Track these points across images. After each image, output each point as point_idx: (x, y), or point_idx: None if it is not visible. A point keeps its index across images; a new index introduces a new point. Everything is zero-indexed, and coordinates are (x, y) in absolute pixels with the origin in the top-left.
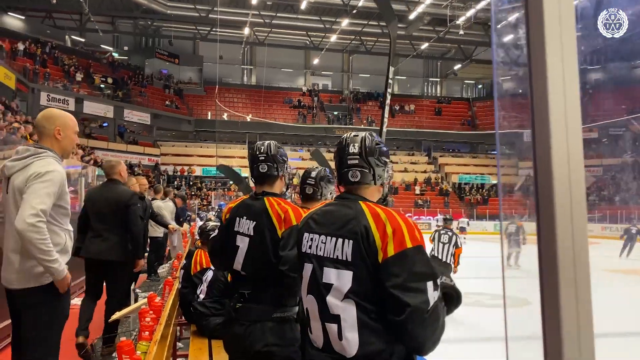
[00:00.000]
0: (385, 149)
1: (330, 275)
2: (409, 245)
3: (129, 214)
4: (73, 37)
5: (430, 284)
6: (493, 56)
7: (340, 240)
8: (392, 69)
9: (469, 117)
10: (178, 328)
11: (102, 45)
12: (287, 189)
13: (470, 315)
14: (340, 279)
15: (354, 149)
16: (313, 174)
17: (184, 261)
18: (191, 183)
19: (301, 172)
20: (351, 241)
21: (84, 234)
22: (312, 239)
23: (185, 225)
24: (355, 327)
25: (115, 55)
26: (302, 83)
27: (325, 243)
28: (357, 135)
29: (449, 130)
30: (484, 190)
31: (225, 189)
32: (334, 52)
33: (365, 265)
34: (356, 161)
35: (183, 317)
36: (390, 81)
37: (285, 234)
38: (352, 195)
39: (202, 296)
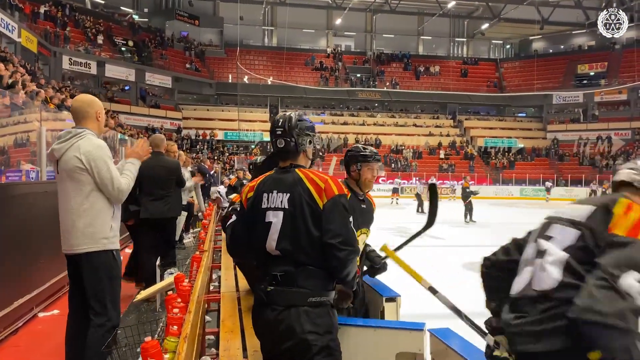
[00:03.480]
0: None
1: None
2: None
3: (179, 179)
4: None
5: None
6: None
7: None
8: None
9: (496, 78)
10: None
11: (121, 7)
12: (311, 164)
13: None
14: None
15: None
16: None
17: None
18: (214, 147)
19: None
20: None
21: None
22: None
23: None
24: None
25: (136, 17)
26: (324, 44)
27: None
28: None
29: (475, 93)
30: (511, 154)
31: (247, 154)
32: (357, 11)
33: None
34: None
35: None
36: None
37: (329, 205)
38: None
39: None
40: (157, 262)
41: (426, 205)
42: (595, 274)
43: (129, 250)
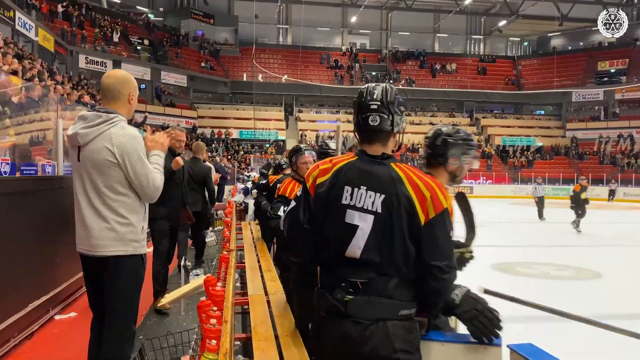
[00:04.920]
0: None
1: None
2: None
3: (208, 181)
4: None
5: None
6: None
7: None
8: None
9: (514, 76)
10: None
11: (137, 6)
12: (398, 148)
13: (540, 290)
14: None
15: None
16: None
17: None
18: (228, 146)
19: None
20: None
21: None
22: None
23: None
24: None
25: (151, 16)
26: (339, 42)
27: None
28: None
29: (492, 90)
30: (529, 153)
31: (262, 152)
32: (373, 9)
33: None
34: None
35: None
36: None
37: (436, 222)
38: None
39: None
40: (182, 263)
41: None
42: None
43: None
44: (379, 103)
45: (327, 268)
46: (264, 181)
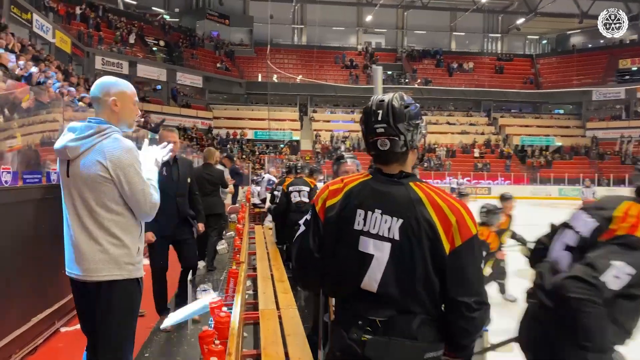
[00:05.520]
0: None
1: None
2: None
3: (224, 184)
4: None
5: None
6: None
7: None
8: None
9: (532, 75)
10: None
11: (153, 7)
12: (421, 160)
13: None
14: None
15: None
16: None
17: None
18: (243, 147)
19: (353, 135)
20: None
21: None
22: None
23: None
24: None
25: (167, 17)
26: (354, 42)
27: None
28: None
29: (510, 89)
30: (548, 153)
31: (277, 153)
32: (388, 7)
33: None
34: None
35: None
36: None
37: (463, 251)
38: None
39: None
40: (189, 277)
41: None
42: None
43: None
44: (385, 125)
45: (342, 301)
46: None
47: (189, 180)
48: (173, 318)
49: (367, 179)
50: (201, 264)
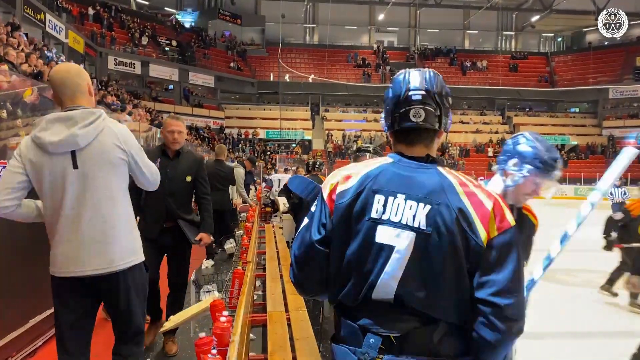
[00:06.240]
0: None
1: None
2: None
3: (232, 180)
4: None
5: None
6: None
7: None
8: None
9: (547, 73)
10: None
11: (165, 8)
12: (442, 152)
13: (583, 301)
14: None
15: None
16: None
17: None
18: (255, 146)
19: (365, 134)
20: None
21: None
22: None
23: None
24: None
25: (179, 17)
26: (367, 41)
27: None
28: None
29: (525, 88)
30: (563, 152)
31: (289, 152)
32: (400, 6)
33: None
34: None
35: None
36: None
37: (501, 243)
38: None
39: None
40: (193, 278)
41: None
42: None
43: None
44: (423, 92)
45: (347, 313)
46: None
47: (189, 179)
48: (174, 320)
49: (387, 163)
50: (209, 263)
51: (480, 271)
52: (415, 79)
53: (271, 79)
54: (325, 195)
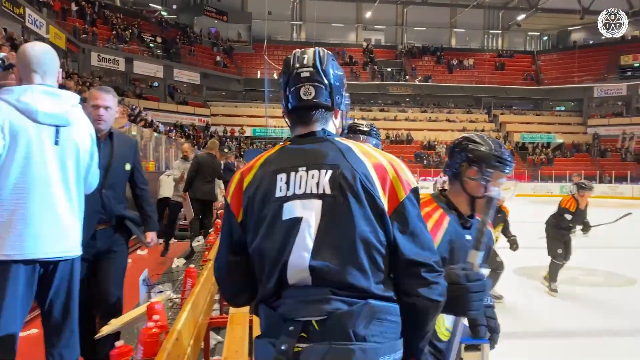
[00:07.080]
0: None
1: None
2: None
3: (222, 174)
4: None
5: None
6: None
7: None
8: None
9: (533, 71)
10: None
11: (150, 4)
12: (342, 133)
13: (567, 298)
14: None
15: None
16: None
17: None
18: (242, 144)
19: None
20: None
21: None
22: None
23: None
24: None
25: (164, 14)
26: (354, 39)
27: None
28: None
29: (511, 86)
30: (549, 150)
31: None
32: (388, 4)
33: None
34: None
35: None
36: None
37: (407, 206)
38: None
39: None
40: (144, 277)
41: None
42: None
43: None
44: (311, 69)
45: (266, 305)
46: None
47: (127, 167)
48: (114, 323)
49: (284, 145)
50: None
51: (398, 233)
52: (303, 57)
53: (258, 76)
54: (230, 200)
